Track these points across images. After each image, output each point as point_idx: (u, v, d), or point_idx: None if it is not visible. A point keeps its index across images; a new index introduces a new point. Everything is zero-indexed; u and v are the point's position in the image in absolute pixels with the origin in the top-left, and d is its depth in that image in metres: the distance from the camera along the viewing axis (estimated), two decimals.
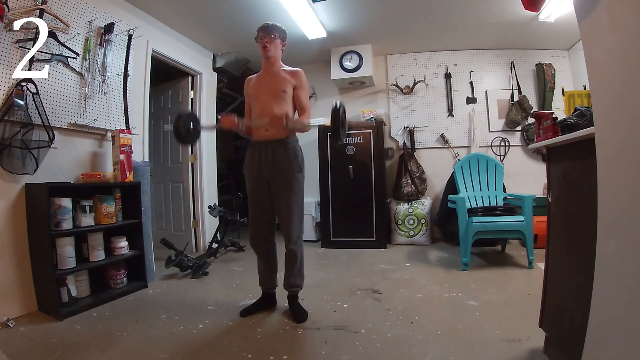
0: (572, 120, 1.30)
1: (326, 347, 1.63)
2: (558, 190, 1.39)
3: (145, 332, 1.85)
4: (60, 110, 2.31)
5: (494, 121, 4.17)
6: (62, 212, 2.07)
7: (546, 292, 1.45)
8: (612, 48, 0.89)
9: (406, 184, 3.98)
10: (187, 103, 3.84)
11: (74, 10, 2.38)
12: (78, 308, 2.10)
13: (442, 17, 3.41)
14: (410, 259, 3.24)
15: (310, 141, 4.21)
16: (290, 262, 2.03)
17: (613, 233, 0.93)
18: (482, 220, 2.79)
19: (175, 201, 3.96)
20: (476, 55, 4.22)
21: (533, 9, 1.37)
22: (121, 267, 2.46)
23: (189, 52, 3.69)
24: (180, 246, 3.11)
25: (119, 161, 2.49)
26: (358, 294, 2.34)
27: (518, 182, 3.90)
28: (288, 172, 1.97)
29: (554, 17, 3.26)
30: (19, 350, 1.65)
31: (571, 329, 1.21)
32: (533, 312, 1.56)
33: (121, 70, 2.74)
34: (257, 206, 2.04)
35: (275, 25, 2.01)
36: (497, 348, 1.55)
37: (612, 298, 0.93)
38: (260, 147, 2.00)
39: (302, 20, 3.27)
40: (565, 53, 4.10)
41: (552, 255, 1.42)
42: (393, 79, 4.34)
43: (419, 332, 1.75)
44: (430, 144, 4.29)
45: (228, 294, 2.44)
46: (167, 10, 3.10)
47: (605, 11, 0.90)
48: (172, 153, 3.98)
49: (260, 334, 1.80)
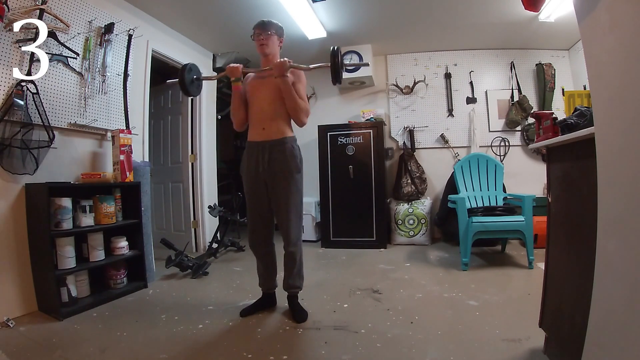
0: (572, 120, 1.30)
1: (326, 347, 1.63)
2: (558, 190, 1.39)
3: (145, 332, 1.85)
4: (60, 110, 2.31)
5: (494, 121, 4.17)
6: (62, 212, 2.07)
7: (546, 292, 1.45)
8: (612, 48, 0.89)
9: (406, 184, 3.98)
10: (187, 103, 3.84)
11: (74, 10, 2.38)
12: (78, 308, 2.10)
13: (442, 17, 3.41)
14: (410, 259, 3.24)
15: (310, 141, 4.21)
16: (289, 264, 2.02)
17: (613, 233, 0.93)
18: (482, 220, 2.79)
19: (175, 201, 3.96)
20: (476, 55, 4.22)
21: (533, 9, 1.37)
22: (121, 267, 2.46)
23: (189, 52, 3.69)
24: (180, 246, 3.11)
25: (119, 161, 2.49)
26: (358, 294, 2.34)
27: (518, 182, 3.90)
28: (286, 173, 1.93)
29: (554, 17, 3.27)
30: (19, 350, 1.65)
31: (571, 329, 1.21)
32: (533, 312, 1.56)
33: (121, 70, 2.74)
34: (256, 208, 2.02)
35: (271, 22, 1.98)
36: (497, 348, 1.55)
37: (612, 298, 0.93)
38: (257, 148, 1.96)
39: (302, 20, 3.27)
40: (565, 53, 4.10)
41: (552, 255, 1.42)
42: (393, 79, 4.34)
43: (419, 332, 1.75)
44: (430, 144, 4.29)
45: (228, 294, 2.44)
46: (167, 10, 3.10)
47: (605, 11, 0.90)
48: (172, 153, 3.98)
49: (260, 334, 1.80)
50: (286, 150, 1.94)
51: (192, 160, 3.86)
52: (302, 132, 2.18)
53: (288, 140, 1.97)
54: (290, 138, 1.99)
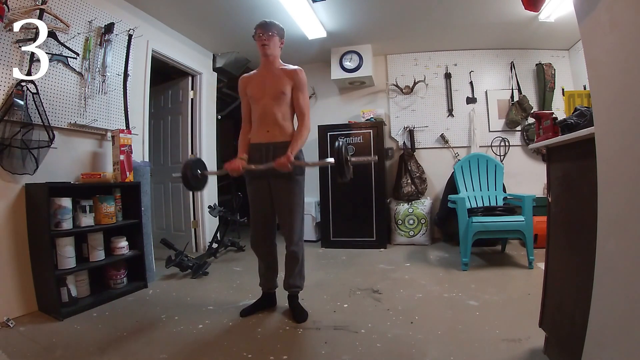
0: (572, 120, 1.30)
1: (326, 347, 1.63)
2: (558, 190, 1.39)
3: (145, 332, 1.85)
4: (60, 110, 2.31)
5: (494, 121, 4.17)
6: (62, 212, 2.07)
7: (546, 292, 1.45)
8: (612, 48, 0.89)
9: (406, 184, 3.98)
10: (187, 103, 3.84)
11: (74, 10, 2.38)
12: (78, 308, 2.10)
13: (442, 17, 3.41)
14: (410, 259, 3.24)
15: (310, 141, 4.18)
16: (291, 264, 2.03)
17: (613, 233, 0.93)
18: (482, 220, 2.79)
19: (175, 201, 3.95)
20: (476, 55, 4.22)
21: (533, 9, 1.37)
22: (121, 267, 2.46)
23: (189, 52, 3.69)
24: (180, 246, 3.11)
25: (119, 161, 2.49)
26: (358, 294, 2.34)
27: (518, 182, 3.90)
28: (289, 175, 1.92)
29: (554, 17, 3.26)
30: (19, 350, 1.65)
31: (571, 329, 1.21)
32: (533, 312, 1.56)
33: (121, 70, 2.74)
34: (258, 208, 2.03)
35: (273, 23, 1.98)
36: (497, 348, 1.55)
37: (612, 298, 0.93)
38: (261, 149, 1.97)
39: (302, 20, 3.27)
40: (565, 53, 4.10)
41: (552, 255, 1.42)
42: (393, 79, 4.34)
43: (419, 332, 1.75)
44: (430, 144, 4.29)
45: (228, 294, 2.44)
46: (167, 10, 3.10)
47: (605, 11, 0.90)
48: (172, 153, 3.98)
49: (260, 334, 1.80)
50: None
51: None
52: None
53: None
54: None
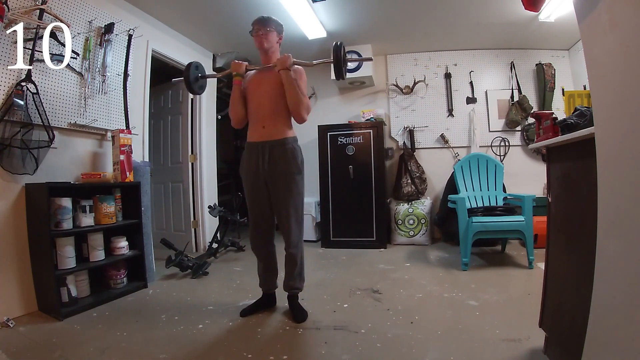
0: (572, 120, 1.30)
1: (326, 347, 1.63)
2: (558, 190, 1.39)
3: (145, 332, 1.85)
4: (60, 110, 2.31)
5: (494, 121, 4.17)
6: (62, 212, 2.07)
7: (546, 292, 1.45)
8: (612, 48, 0.89)
9: (406, 184, 3.98)
10: (187, 103, 3.84)
11: (74, 10, 2.38)
12: (78, 308, 2.10)
13: (442, 17, 3.41)
14: (410, 259, 3.24)
15: (310, 141, 4.21)
16: (290, 265, 2.02)
17: (613, 233, 0.93)
18: (482, 220, 2.79)
19: (175, 201, 3.96)
20: (476, 55, 4.22)
21: (533, 9, 1.37)
22: (121, 267, 2.46)
23: (189, 52, 3.69)
24: (180, 246, 3.11)
25: (119, 161, 2.49)
26: (358, 294, 2.34)
27: (518, 182, 3.90)
28: (286, 174, 1.91)
29: (554, 17, 3.26)
30: (19, 350, 1.65)
31: (571, 329, 1.21)
32: (533, 312, 1.56)
33: (121, 70, 2.74)
34: (256, 209, 2.01)
35: (270, 18, 1.96)
36: (497, 348, 1.55)
37: (612, 298, 0.93)
38: (257, 148, 1.93)
39: (302, 20, 3.26)
40: (565, 53, 4.10)
41: (552, 255, 1.42)
42: (393, 79, 4.34)
43: (419, 332, 1.75)
44: (430, 144, 4.29)
45: (228, 294, 2.44)
46: (167, 10, 3.10)
47: (605, 11, 0.90)
48: (172, 153, 3.99)
49: (260, 334, 1.80)
50: (287, 151, 1.92)
51: (192, 160, 3.86)
52: (302, 132, 2.17)
53: (289, 140, 1.95)
54: (291, 138, 1.96)
